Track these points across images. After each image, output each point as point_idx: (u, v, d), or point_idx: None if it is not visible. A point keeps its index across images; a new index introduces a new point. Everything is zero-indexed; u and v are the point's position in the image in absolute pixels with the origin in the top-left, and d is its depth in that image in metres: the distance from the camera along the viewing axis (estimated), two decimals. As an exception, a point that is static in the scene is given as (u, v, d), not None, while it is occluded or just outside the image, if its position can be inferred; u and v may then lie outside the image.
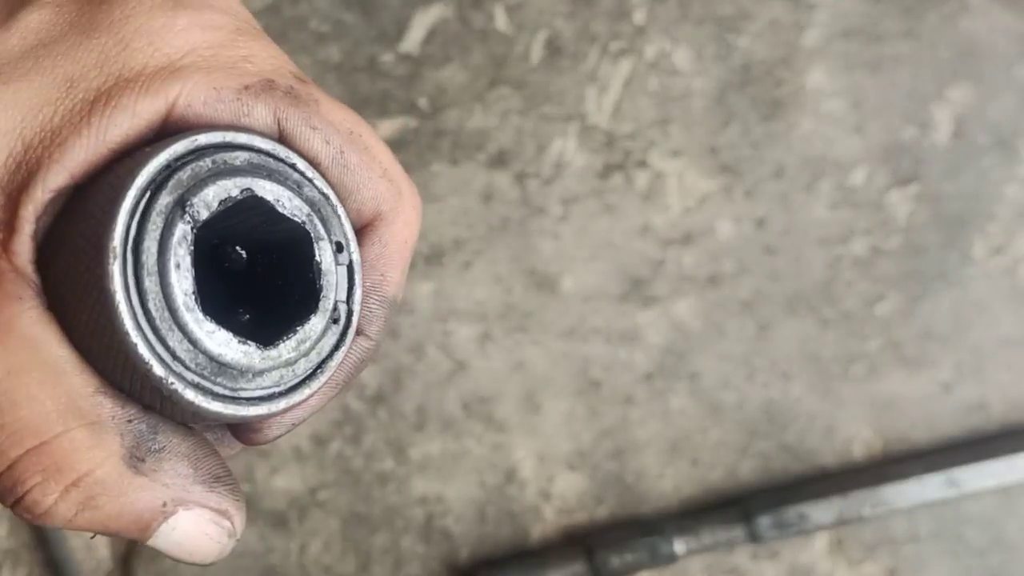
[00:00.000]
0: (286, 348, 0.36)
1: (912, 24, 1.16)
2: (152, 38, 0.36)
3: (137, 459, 0.35)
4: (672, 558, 1.09)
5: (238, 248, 0.40)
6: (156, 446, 0.35)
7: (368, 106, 1.13)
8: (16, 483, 0.34)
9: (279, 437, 0.41)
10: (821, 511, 1.10)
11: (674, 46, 1.15)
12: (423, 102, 1.13)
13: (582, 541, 1.10)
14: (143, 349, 0.34)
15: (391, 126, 1.13)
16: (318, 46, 1.13)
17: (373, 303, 0.41)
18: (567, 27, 1.15)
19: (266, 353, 0.36)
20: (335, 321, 0.38)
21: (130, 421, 0.35)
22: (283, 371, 0.37)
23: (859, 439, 1.15)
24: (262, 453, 1.12)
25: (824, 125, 1.15)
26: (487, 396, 1.13)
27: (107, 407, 0.35)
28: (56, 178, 0.34)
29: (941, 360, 1.16)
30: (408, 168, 1.27)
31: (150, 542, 0.36)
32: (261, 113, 0.37)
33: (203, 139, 0.35)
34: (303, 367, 0.37)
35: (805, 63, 1.15)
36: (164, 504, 0.35)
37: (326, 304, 0.38)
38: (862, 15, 1.16)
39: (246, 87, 0.37)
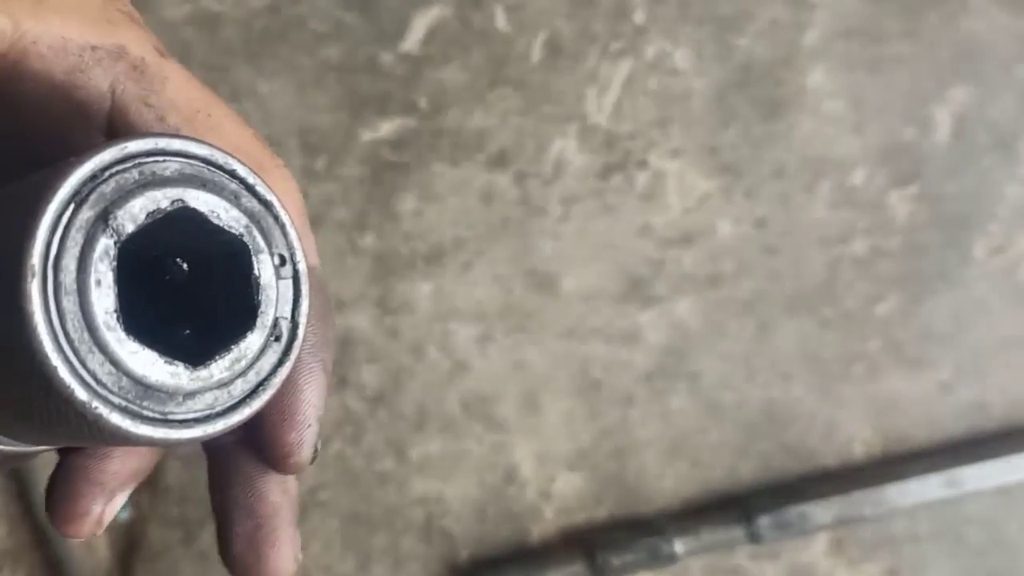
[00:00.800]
0: (218, 368, 0.34)
1: (912, 24, 1.16)
2: None
3: None
4: (672, 558, 1.09)
5: (178, 260, 0.38)
6: None
7: (368, 106, 1.13)
8: None
9: (314, 457, 0.40)
10: (821, 511, 1.10)
11: (674, 46, 1.15)
12: (423, 102, 1.13)
13: (582, 541, 1.10)
14: (64, 373, 0.32)
15: (391, 126, 1.13)
16: (318, 46, 1.13)
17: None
18: (567, 27, 1.15)
19: (196, 374, 0.34)
20: (276, 338, 0.36)
21: None
22: (217, 393, 0.35)
23: (859, 439, 1.15)
24: (262, 453, 1.12)
25: (824, 125, 1.15)
26: (487, 396, 1.13)
27: None
28: None
29: (941, 360, 1.16)
30: (408, 168, 1.27)
31: None
32: (97, 77, 0.37)
33: (133, 146, 0.34)
34: (240, 388, 0.35)
35: (805, 63, 1.15)
36: None
37: (265, 320, 0.36)
38: (862, 15, 1.16)
39: (94, 47, 0.37)
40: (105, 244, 0.32)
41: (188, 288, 0.38)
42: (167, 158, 0.34)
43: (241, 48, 1.12)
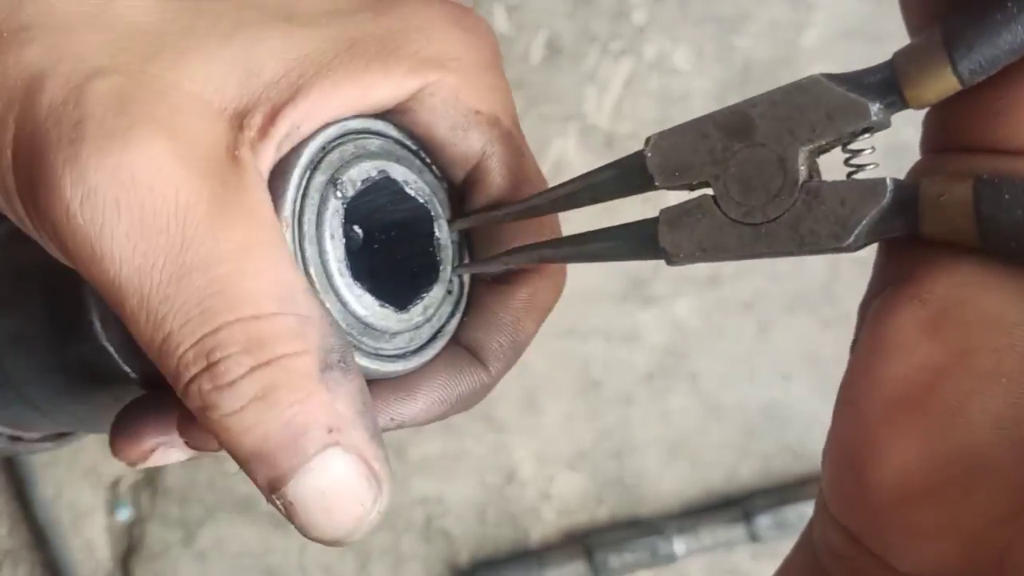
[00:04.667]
0: (416, 312, 0.40)
1: (912, 24, 1.16)
2: (431, 35, 0.40)
3: (327, 366, 0.35)
4: (672, 558, 1.09)
5: (355, 227, 0.44)
6: (346, 363, 0.36)
7: (368, 106, 1.13)
8: (216, 347, 0.34)
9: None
10: (821, 511, 1.10)
11: (674, 46, 1.15)
12: (423, 102, 1.13)
13: (582, 541, 1.10)
14: None
15: (391, 126, 1.13)
16: (318, 46, 1.13)
17: (504, 340, 0.46)
18: (567, 27, 1.15)
19: (401, 316, 0.40)
20: (450, 292, 0.42)
21: (331, 328, 0.36)
22: (412, 334, 0.41)
23: (859, 439, 1.15)
24: (262, 453, 1.12)
25: (824, 125, 1.15)
26: (487, 396, 1.13)
27: (316, 307, 0.36)
28: (319, 108, 0.38)
29: (941, 360, 1.16)
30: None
31: (292, 483, 0.35)
32: (475, 138, 0.41)
33: (353, 124, 0.39)
34: (427, 331, 0.41)
35: (805, 63, 1.15)
36: (329, 430, 0.35)
37: (444, 275, 0.42)
38: (862, 15, 1.16)
39: (478, 112, 0.41)
40: (335, 204, 0.38)
41: (363, 251, 0.44)
42: (371, 136, 0.40)
43: (241, 48, 1.12)
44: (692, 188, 0.39)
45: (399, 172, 0.40)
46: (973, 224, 0.33)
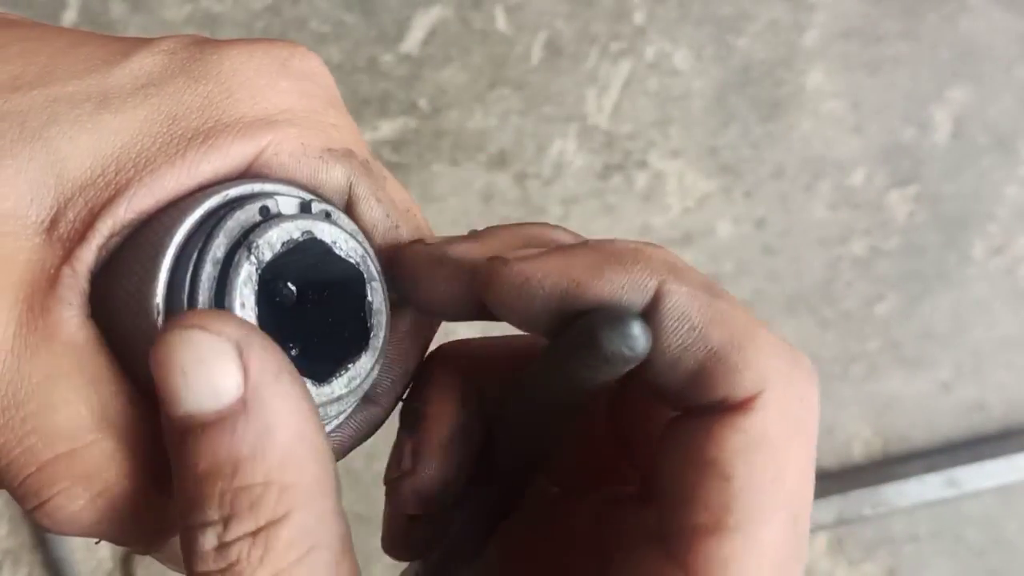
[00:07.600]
0: (339, 385, 0.37)
1: (912, 25, 1.16)
2: (254, 93, 0.39)
3: (156, 478, 0.35)
4: (672, 558, 1.09)
5: (289, 284, 0.41)
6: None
7: (368, 106, 1.13)
8: (43, 487, 0.34)
9: None
10: (821, 511, 1.10)
11: (674, 46, 1.15)
12: (423, 102, 1.13)
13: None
14: None
15: (391, 126, 1.13)
16: (318, 46, 1.13)
17: (396, 374, 0.43)
18: (567, 27, 1.15)
19: (320, 390, 0.37)
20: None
21: (155, 438, 0.36)
22: (336, 406, 0.38)
23: (859, 439, 1.15)
24: (262, 453, 1.12)
25: (824, 126, 1.16)
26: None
27: (135, 419, 0.36)
28: (141, 200, 0.36)
29: (941, 360, 1.16)
30: (408, 168, 1.26)
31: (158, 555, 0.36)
32: (338, 174, 0.40)
33: (235, 191, 0.37)
34: (351, 403, 0.39)
35: (805, 64, 1.15)
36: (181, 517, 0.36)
37: (376, 343, 0.39)
38: (862, 16, 1.16)
39: (329, 149, 0.40)
40: (248, 270, 0.35)
41: (295, 310, 0.41)
42: (288, 196, 0.38)
43: (241, 48, 1.12)
44: None
45: (327, 232, 0.38)
46: None
